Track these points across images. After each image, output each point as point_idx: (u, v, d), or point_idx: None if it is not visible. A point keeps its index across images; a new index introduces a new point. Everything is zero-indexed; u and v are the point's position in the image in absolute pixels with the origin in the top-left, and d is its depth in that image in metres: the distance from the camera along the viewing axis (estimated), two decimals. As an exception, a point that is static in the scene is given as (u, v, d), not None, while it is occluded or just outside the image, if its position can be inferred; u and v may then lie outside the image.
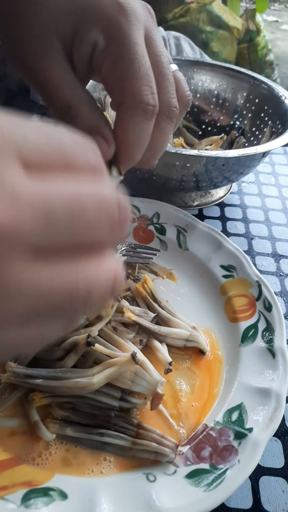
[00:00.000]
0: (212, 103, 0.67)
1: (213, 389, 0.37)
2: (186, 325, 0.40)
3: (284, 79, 2.51)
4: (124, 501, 0.29)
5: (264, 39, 2.24)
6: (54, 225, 0.15)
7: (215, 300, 0.44)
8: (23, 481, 0.29)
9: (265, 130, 0.60)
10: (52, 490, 0.29)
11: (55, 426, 0.32)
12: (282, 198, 0.63)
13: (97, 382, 0.32)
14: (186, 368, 0.38)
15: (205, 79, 0.67)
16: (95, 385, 0.32)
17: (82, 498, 0.29)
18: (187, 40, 1.09)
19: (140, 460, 0.32)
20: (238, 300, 0.43)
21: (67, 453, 0.32)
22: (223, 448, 0.32)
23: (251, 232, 0.56)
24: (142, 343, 0.37)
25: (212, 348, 0.40)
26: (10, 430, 0.32)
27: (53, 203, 0.15)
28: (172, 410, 0.35)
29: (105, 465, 0.31)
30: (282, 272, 0.50)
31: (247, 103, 0.64)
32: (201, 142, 0.62)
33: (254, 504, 0.32)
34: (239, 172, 0.52)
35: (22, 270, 0.15)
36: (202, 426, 0.34)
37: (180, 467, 0.31)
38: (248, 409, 0.34)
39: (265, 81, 0.62)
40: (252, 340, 0.39)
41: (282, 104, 0.58)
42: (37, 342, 0.17)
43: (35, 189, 0.15)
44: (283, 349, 0.38)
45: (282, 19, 3.34)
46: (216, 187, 0.55)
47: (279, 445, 0.35)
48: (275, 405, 0.34)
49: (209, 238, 0.48)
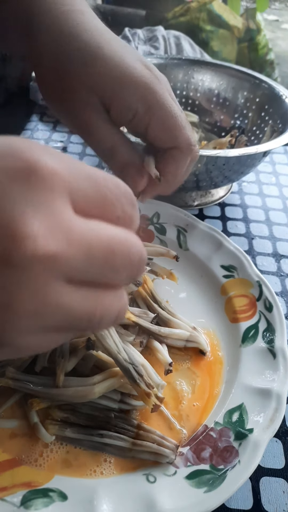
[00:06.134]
0: (212, 103, 0.67)
1: (213, 390, 0.36)
2: (186, 325, 0.40)
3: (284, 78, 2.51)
4: (124, 502, 0.29)
5: (265, 38, 2.23)
6: (90, 263, 0.18)
7: (215, 300, 0.44)
8: (23, 482, 0.29)
9: (266, 130, 0.59)
10: (52, 491, 0.29)
11: (55, 427, 0.32)
12: (282, 198, 0.62)
13: (98, 392, 0.32)
14: (186, 368, 0.38)
15: (205, 78, 0.67)
16: (95, 394, 0.32)
17: (82, 499, 0.29)
18: (187, 39, 1.09)
19: (140, 461, 0.31)
20: (238, 300, 0.43)
21: (67, 454, 0.32)
22: (224, 449, 0.32)
23: (251, 232, 0.56)
24: (142, 344, 0.36)
25: (213, 349, 0.40)
26: (10, 431, 0.32)
27: (94, 245, 0.18)
28: (174, 411, 0.35)
29: (106, 466, 0.31)
30: (283, 272, 0.50)
31: (248, 102, 0.64)
32: (208, 144, 0.61)
33: (255, 505, 0.31)
34: (240, 171, 0.52)
35: (60, 292, 0.17)
36: (203, 427, 0.34)
37: (180, 468, 0.31)
38: (249, 410, 0.34)
39: (266, 80, 0.62)
40: (252, 340, 0.39)
41: (283, 103, 0.58)
42: (49, 347, 0.20)
43: (83, 229, 0.18)
44: (283, 349, 0.38)
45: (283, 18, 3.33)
46: (216, 187, 0.55)
47: (279, 445, 0.35)
48: (275, 406, 0.34)
49: (210, 238, 0.48)
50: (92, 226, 0.18)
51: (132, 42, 1.12)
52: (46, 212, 0.17)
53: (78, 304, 0.18)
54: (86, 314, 0.19)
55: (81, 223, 0.18)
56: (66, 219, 0.17)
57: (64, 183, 0.18)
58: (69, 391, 0.32)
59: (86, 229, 0.18)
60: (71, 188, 0.18)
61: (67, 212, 0.17)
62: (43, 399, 0.32)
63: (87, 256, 0.18)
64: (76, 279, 0.18)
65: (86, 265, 0.18)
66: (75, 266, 0.17)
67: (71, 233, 0.17)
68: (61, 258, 0.17)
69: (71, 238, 0.17)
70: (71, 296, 0.18)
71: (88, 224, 0.18)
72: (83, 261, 0.18)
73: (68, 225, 0.17)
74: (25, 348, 0.19)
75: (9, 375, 0.32)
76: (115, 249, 0.18)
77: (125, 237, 0.19)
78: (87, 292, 0.19)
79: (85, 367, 0.34)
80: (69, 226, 0.17)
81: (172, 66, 0.67)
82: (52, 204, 0.17)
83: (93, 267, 0.18)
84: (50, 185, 0.17)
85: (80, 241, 0.17)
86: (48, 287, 0.17)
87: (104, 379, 0.33)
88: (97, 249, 0.18)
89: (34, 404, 0.32)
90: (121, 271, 0.19)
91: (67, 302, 0.18)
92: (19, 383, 0.32)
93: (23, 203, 0.16)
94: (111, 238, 0.18)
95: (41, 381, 0.33)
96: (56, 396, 0.32)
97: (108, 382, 0.32)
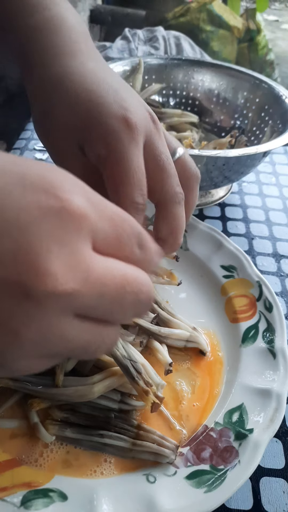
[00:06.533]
0: (212, 103, 0.67)
1: (213, 390, 0.36)
2: (186, 325, 0.40)
3: (284, 79, 2.51)
4: (124, 502, 0.29)
5: (265, 39, 2.24)
6: (102, 301, 0.19)
7: (215, 300, 0.44)
8: (23, 482, 0.29)
9: (266, 130, 0.60)
10: (52, 491, 0.29)
11: (55, 427, 0.32)
12: (282, 198, 0.62)
13: (97, 391, 0.32)
14: (186, 368, 0.38)
15: (205, 78, 0.67)
16: (95, 394, 0.32)
17: (82, 499, 0.29)
18: (187, 40, 1.09)
19: (140, 461, 0.31)
20: (238, 301, 0.43)
21: (67, 454, 0.32)
22: (224, 449, 0.32)
23: (251, 232, 0.56)
24: (142, 344, 0.36)
25: (213, 349, 0.40)
26: (11, 432, 0.32)
27: (108, 284, 0.19)
28: (174, 411, 0.35)
29: (106, 466, 0.31)
30: (282, 272, 0.50)
31: (248, 102, 0.64)
32: (208, 144, 0.61)
33: (255, 505, 0.31)
34: (240, 171, 0.52)
35: (66, 326, 0.18)
36: (203, 427, 0.34)
37: (180, 468, 0.31)
38: (249, 410, 0.34)
39: (266, 80, 0.62)
40: (252, 340, 0.39)
41: (283, 104, 0.58)
42: (38, 370, 0.21)
43: (100, 268, 0.18)
44: (283, 349, 0.38)
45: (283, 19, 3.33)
46: (216, 187, 0.55)
47: (279, 446, 0.35)
48: (275, 406, 0.34)
49: (210, 238, 0.48)
50: (107, 264, 0.19)
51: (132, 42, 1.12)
52: (70, 251, 0.18)
53: (79, 337, 0.19)
54: (84, 346, 0.20)
55: (99, 262, 0.19)
56: (86, 259, 0.18)
57: (90, 226, 0.18)
58: (69, 391, 0.32)
59: (102, 267, 0.19)
60: (94, 230, 0.19)
61: (88, 251, 0.18)
62: (43, 399, 0.32)
63: (100, 294, 0.18)
64: (83, 314, 0.19)
65: (97, 303, 0.19)
66: (87, 303, 0.18)
67: (89, 272, 0.18)
68: (77, 296, 0.18)
69: (88, 278, 0.18)
70: (75, 329, 0.19)
71: (104, 262, 0.19)
72: (96, 299, 0.18)
73: (87, 265, 0.18)
74: (16, 370, 0.20)
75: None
76: (125, 288, 0.19)
77: (137, 275, 0.20)
78: (89, 326, 0.19)
79: (84, 367, 0.34)
80: (88, 266, 0.18)
81: (172, 66, 0.67)
82: (76, 245, 0.18)
83: (103, 305, 0.19)
84: (78, 227, 0.18)
85: (96, 281, 0.18)
86: (57, 321, 0.18)
87: (104, 379, 0.33)
88: (110, 288, 0.19)
89: (34, 404, 0.32)
90: (128, 310, 0.20)
91: (70, 335, 0.19)
92: (18, 383, 0.32)
93: (50, 241, 0.17)
94: (124, 278, 0.19)
95: (40, 381, 0.33)
96: (56, 396, 0.32)
97: (107, 381, 0.32)
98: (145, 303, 0.21)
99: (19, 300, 0.17)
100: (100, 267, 0.19)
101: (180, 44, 1.12)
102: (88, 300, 0.18)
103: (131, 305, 0.20)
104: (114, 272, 0.19)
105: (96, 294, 0.18)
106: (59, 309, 0.18)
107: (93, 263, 0.18)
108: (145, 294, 0.20)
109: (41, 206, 0.17)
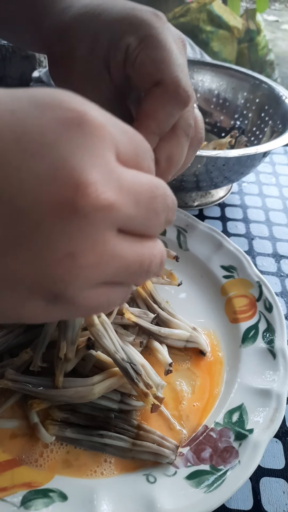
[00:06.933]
0: (212, 103, 0.67)
1: (213, 390, 0.36)
2: (186, 326, 0.40)
3: (284, 79, 2.51)
4: (124, 502, 0.29)
5: (265, 39, 2.24)
6: (138, 209, 0.19)
7: (215, 300, 0.44)
8: (23, 482, 0.29)
9: (266, 130, 0.60)
10: (52, 491, 0.29)
11: (55, 427, 0.32)
12: (282, 198, 0.62)
13: (98, 392, 0.32)
14: (186, 369, 0.38)
15: (205, 79, 0.67)
16: (95, 395, 0.32)
17: (82, 499, 0.29)
18: (187, 40, 1.09)
19: (140, 461, 0.31)
20: (238, 301, 0.43)
21: (67, 455, 0.32)
22: (224, 449, 0.32)
23: (251, 232, 0.56)
24: (142, 345, 0.36)
25: (213, 349, 0.40)
26: (11, 432, 0.32)
27: (140, 192, 0.19)
28: (174, 411, 0.35)
29: (106, 466, 0.31)
30: (282, 273, 0.50)
31: (248, 103, 0.64)
32: (208, 144, 0.62)
33: (255, 505, 0.31)
34: (240, 172, 0.52)
35: (114, 241, 0.18)
36: (203, 427, 0.34)
37: (180, 468, 0.31)
38: (249, 410, 0.34)
39: (266, 80, 0.62)
40: (252, 340, 0.39)
41: (283, 104, 0.58)
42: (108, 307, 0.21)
43: (130, 178, 0.18)
44: (283, 349, 0.38)
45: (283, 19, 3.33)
46: (216, 187, 0.55)
47: (279, 446, 0.35)
48: (275, 406, 0.34)
49: (210, 239, 0.48)
50: (133, 173, 0.19)
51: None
52: (101, 162, 0.17)
53: (129, 252, 0.19)
54: (138, 260, 0.19)
55: (126, 171, 0.19)
56: (116, 169, 0.18)
57: (110, 136, 0.18)
58: (69, 392, 0.32)
59: (130, 176, 0.19)
60: (115, 140, 0.18)
61: (115, 161, 0.18)
62: (43, 399, 0.32)
63: (136, 202, 0.18)
64: (125, 229, 0.19)
65: (135, 212, 0.18)
66: (127, 214, 0.18)
67: (121, 182, 0.18)
68: (116, 207, 0.17)
69: (122, 187, 0.18)
70: (123, 245, 0.19)
71: (130, 171, 0.19)
72: (133, 208, 0.18)
73: (118, 175, 0.18)
74: (86, 306, 0.19)
75: (8, 376, 0.32)
76: (155, 193, 0.19)
77: (159, 181, 0.20)
78: (134, 241, 0.19)
79: (85, 367, 0.34)
80: (119, 175, 0.18)
81: (172, 66, 0.67)
82: (104, 155, 0.18)
83: (140, 214, 0.19)
84: (101, 137, 0.18)
85: (129, 190, 0.18)
86: (105, 237, 0.18)
87: (104, 379, 0.33)
88: (143, 195, 0.19)
89: (34, 405, 0.32)
90: (161, 215, 0.20)
91: (120, 250, 0.18)
92: (18, 384, 0.32)
93: (81, 152, 0.17)
94: (150, 184, 0.19)
95: (40, 382, 0.33)
96: (56, 397, 0.32)
97: (107, 382, 0.32)
98: (173, 208, 0.21)
99: (67, 219, 0.16)
100: (129, 175, 0.18)
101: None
102: (127, 211, 0.18)
103: (162, 211, 0.20)
104: (141, 179, 0.19)
105: (133, 203, 0.18)
106: (105, 223, 0.17)
107: (121, 173, 0.18)
108: (170, 197, 0.20)
109: (61, 121, 0.17)
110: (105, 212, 0.17)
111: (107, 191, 0.17)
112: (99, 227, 0.17)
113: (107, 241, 0.18)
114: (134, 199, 0.18)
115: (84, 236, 0.17)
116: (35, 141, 0.16)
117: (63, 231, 0.17)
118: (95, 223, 0.17)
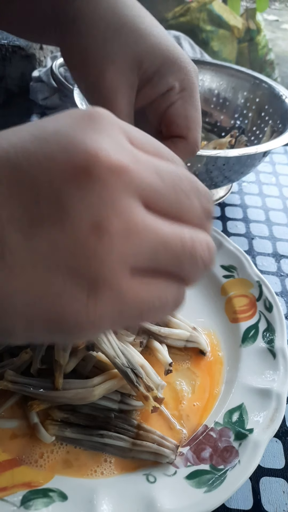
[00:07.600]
0: (212, 103, 0.67)
1: (213, 390, 0.36)
2: (186, 325, 0.40)
3: (284, 78, 2.51)
4: (124, 502, 0.29)
5: (265, 39, 2.23)
6: (163, 184, 0.18)
7: (215, 300, 0.44)
8: (23, 482, 0.29)
9: (266, 130, 0.59)
10: (52, 491, 0.29)
11: (55, 428, 0.32)
12: (282, 198, 0.62)
13: (98, 394, 0.32)
14: (186, 368, 0.38)
15: (205, 78, 0.67)
16: (95, 396, 0.32)
17: (82, 499, 0.29)
18: (187, 40, 1.09)
19: (140, 461, 0.31)
20: (238, 301, 0.43)
21: (67, 455, 0.32)
22: (224, 449, 0.32)
23: (251, 232, 0.56)
24: (142, 345, 0.36)
25: (213, 349, 0.40)
26: (11, 432, 0.32)
27: (161, 168, 0.18)
28: (174, 411, 0.35)
29: (106, 466, 0.31)
30: (282, 272, 0.50)
31: (248, 102, 0.64)
32: (208, 144, 0.61)
33: (255, 505, 0.31)
34: (240, 171, 0.52)
35: (142, 212, 0.17)
36: (203, 427, 0.34)
37: (180, 468, 0.31)
38: (249, 410, 0.34)
39: (266, 80, 0.62)
40: (252, 340, 0.39)
41: (283, 104, 0.58)
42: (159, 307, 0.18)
43: (148, 158, 0.18)
44: (283, 349, 0.38)
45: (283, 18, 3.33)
46: (216, 187, 0.55)
47: (279, 445, 0.35)
48: (275, 406, 0.34)
49: (210, 238, 0.48)
50: (155, 160, 0.19)
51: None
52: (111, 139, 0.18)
53: (164, 227, 0.17)
54: (178, 238, 0.18)
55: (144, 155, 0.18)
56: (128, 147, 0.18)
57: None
58: (69, 394, 0.32)
59: (150, 159, 0.18)
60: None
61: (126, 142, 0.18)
62: (43, 401, 0.32)
63: (157, 174, 0.18)
64: (154, 205, 0.18)
65: (160, 185, 0.18)
66: (149, 183, 0.17)
67: (138, 158, 0.18)
68: (133, 172, 0.17)
69: (138, 157, 0.18)
70: (156, 221, 0.17)
71: (151, 158, 0.19)
72: (156, 180, 0.18)
73: (133, 153, 0.18)
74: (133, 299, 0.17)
75: (8, 377, 0.32)
76: (180, 174, 0.18)
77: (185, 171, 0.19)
78: (169, 220, 0.18)
79: (85, 368, 0.34)
80: (134, 153, 0.18)
81: (172, 66, 0.67)
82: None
83: (167, 190, 0.18)
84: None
85: (147, 162, 0.18)
86: (130, 205, 0.17)
87: (104, 381, 0.33)
88: (164, 172, 0.18)
89: (34, 406, 0.32)
90: (192, 198, 0.19)
91: (153, 223, 0.17)
92: (18, 386, 0.32)
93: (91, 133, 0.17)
94: (173, 167, 0.19)
95: (40, 384, 0.33)
96: (56, 398, 0.32)
97: (108, 384, 0.32)
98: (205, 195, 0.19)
99: (84, 185, 0.16)
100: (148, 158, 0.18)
101: (180, 44, 1.12)
102: (146, 178, 0.17)
103: (193, 194, 0.19)
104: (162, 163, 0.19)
105: (153, 173, 0.18)
106: (123, 187, 0.17)
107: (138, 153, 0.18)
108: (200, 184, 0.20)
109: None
110: (121, 175, 0.17)
111: (120, 156, 0.17)
112: (119, 193, 0.16)
113: (133, 210, 0.17)
114: (154, 171, 0.18)
115: (105, 203, 0.16)
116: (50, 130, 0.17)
117: (83, 200, 0.16)
118: (113, 187, 0.16)
